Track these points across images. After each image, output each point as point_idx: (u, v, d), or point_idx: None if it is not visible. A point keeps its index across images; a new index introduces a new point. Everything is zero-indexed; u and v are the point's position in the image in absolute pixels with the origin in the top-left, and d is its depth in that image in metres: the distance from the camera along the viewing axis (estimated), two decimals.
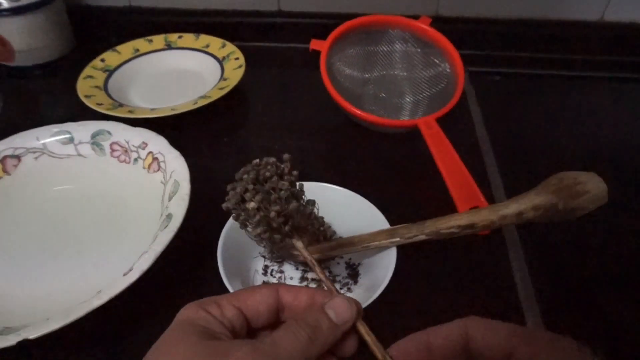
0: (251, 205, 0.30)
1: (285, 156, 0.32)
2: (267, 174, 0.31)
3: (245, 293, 0.26)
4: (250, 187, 0.30)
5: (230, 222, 0.40)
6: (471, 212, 0.37)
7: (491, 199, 0.48)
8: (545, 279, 0.41)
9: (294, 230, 0.31)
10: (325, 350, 0.25)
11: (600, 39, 0.69)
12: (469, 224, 0.36)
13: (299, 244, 0.31)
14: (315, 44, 0.55)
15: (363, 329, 0.27)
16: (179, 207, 0.39)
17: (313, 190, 0.36)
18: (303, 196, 0.33)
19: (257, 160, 0.32)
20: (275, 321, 0.27)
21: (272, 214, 0.30)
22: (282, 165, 0.32)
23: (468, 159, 0.49)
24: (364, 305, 0.35)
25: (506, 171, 0.52)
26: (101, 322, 0.36)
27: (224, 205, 0.32)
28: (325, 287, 0.30)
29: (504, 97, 0.65)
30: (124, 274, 0.35)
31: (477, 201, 0.45)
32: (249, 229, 0.32)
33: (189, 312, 0.24)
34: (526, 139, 0.57)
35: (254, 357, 0.22)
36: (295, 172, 0.33)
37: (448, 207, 0.46)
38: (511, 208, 0.36)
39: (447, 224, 0.36)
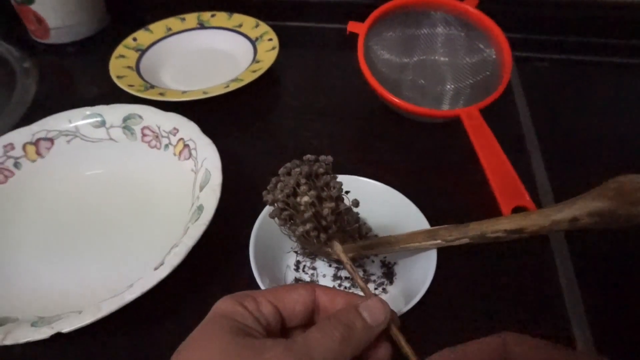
0: (304, 199, 0.28)
1: (328, 158, 0.31)
2: (321, 170, 0.30)
3: (282, 291, 0.26)
4: (303, 181, 0.29)
5: (264, 214, 0.39)
6: (520, 215, 0.34)
7: (536, 199, 0.45)
8: (596, 292, 0.38)
9: (337, 232, 0.30)
10: (358, 353, 0.24)
11: None
12: (517, 229, 0.34)
13: (337, 247, 0.30)
14: (352, 27, 0.52)
15: (400, 337, 0.26)
16: (210, 199, 0.38)
17: (346, 182, 0.34)
18: (346, 198, 0.32)
19: (309, 156, 0.30)
20: (309, 322, 0.26)
21: (326, 211, 0.29)
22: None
23: (511, 153, 0.46)
24: (402, 311, 0.33)
25: (554, 168, 0.48)
26: (129, 312, 0.35)
27: (267, 198, 0.31)
28: (363, 293, 0.28)
29: (552, 85, 0.61)
30: (155, 268, 0.34)
31: (522, 200, 0.42)
32: (293, 225, 0.30)
33: (225, 306, 0.24)
34: (577, 133, 0.53)
35: (288, 357, 0.21)
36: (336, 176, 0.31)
37: (489, 205, 0.44)
38: (564, 213, 0.33)
39: (493, 228, 0.34)
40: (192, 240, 0.35)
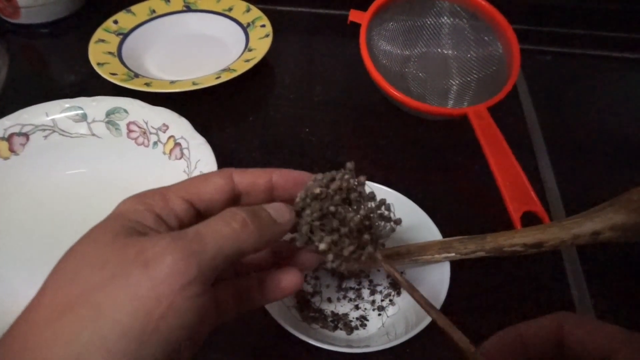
0: (357, 218, 0.25)
1: (352, 164, 0.28)
2: (359, 179, 0.26)
3: (195, 182, 0.23)
4: (344, 195, 0.25)
5: None
6: (538, 228, 0.32)
7: (543, 199, 0.43)
8: (608, 303, 0.37)
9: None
10: (262, 249, 0.22)
11: None
12: (536, 243, 0.32)
13: (378, 255, 0.26)
14: (354, 16, 0.49)
15: (444, 322, 0.24)
16: None
17: None
18: None
19: (344, 168, 0.27)
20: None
21: (378, 223, 0.26)
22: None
23: (517, 151, 0.44)
24: (413, 333, 0.31)
25: (561, 169, 0.47)
26: None
27: (302, 218, 0.25)
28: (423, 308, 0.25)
29: (557, 80, 0.59)
30: None
31: (532, 205, 0.41)
32: (336, 247, 0.26)
33: (124, 206, 0.22)
34: (585, 131, 0.51)
35: (174, 251, 0.19)
36: None
37: (498, 209, 0.42)
38: (586, 226, 0.31)
39: (510, 241, 0.32)
40: None
